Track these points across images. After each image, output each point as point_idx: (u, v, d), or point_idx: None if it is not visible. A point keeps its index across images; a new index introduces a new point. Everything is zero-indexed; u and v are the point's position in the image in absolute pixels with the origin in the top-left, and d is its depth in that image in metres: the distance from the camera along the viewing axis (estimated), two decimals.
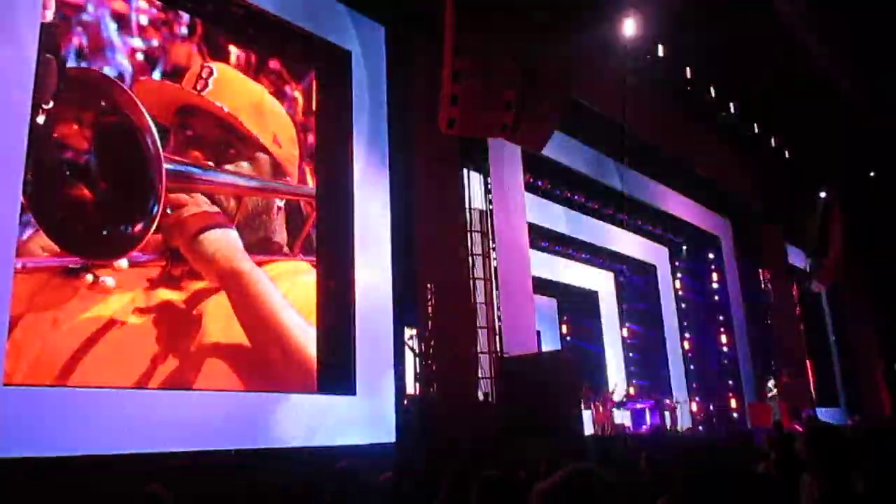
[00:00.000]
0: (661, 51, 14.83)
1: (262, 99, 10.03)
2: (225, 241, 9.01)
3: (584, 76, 11.60)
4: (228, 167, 9.39)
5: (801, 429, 10.80)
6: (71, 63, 8.04)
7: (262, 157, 9.80)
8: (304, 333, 9.68)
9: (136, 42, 8.76)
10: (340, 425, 9.54)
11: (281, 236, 9.96)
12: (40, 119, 7.42)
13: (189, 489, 3.97)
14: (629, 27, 13.28)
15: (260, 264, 9.39)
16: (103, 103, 8.22)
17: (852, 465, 2.24)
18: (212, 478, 6.59)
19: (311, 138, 10.67)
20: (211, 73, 9.33)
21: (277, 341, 9.39)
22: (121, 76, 8.49)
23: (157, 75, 8.92)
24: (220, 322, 8.80)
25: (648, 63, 14.97)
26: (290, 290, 9.71)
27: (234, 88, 9.70)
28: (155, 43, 8.97)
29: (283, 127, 10.23)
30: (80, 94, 8.10)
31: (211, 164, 9.18)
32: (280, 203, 10.02)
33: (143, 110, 8.17)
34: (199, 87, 9.17)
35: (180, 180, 8.71)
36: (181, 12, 9.33)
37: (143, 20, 8.87)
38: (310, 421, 9.25)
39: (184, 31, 9.36)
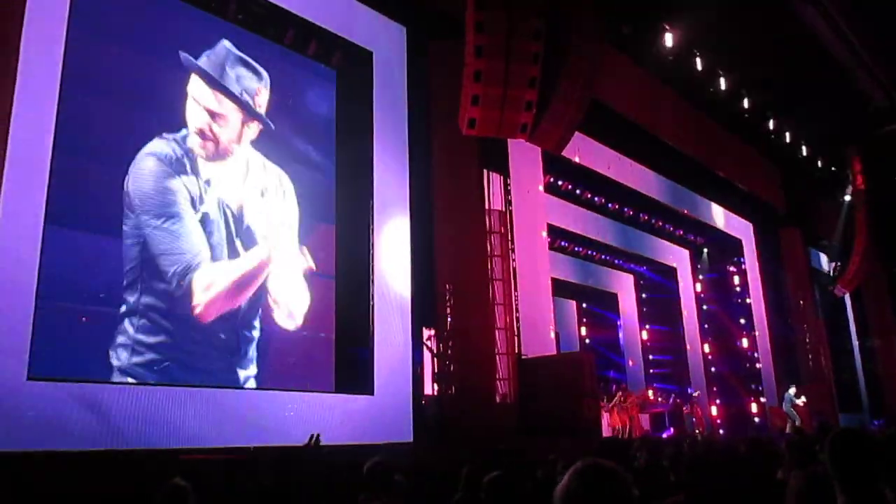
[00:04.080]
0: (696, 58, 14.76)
1: None
2: None
3: (606, 76, 11.54)
4: None
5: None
6: None
7: None
8: None
9: None
10: (358, 424, 9.55)
11: None
12: None
13: (206, 485, 3.99)
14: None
15: None
16: None
17: (881, 471, 2.18)
18: (227, 474, 6.61)
19: None
20: None
21: None
22: None
23: None
24: None
25: (670, 64, 14.89)
26: None
27: None
28: None
29: None
30: None
31: None
32: None
33: None
34: None
35: None
36: None
37: None
38: (327, 420, 9.27)
39: None
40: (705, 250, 21.52)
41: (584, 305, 21.58)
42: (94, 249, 7.83)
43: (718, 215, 20.20)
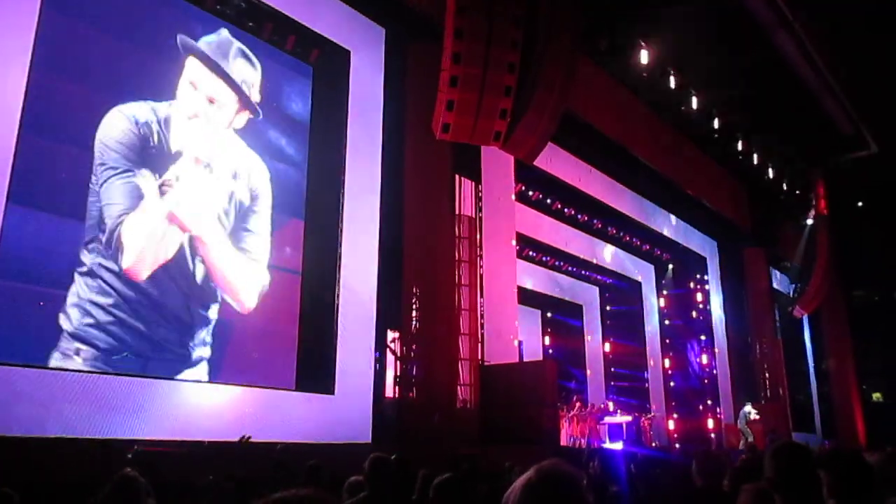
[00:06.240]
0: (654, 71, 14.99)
1: None
2: None
3: (581, 89, 11.66)
4: None
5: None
6: None
7: None
8: None
9: None
10: (316, 423, 9.50)
11: None
12: None
13: (159, 477, 3.96)
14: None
15: None
16: None
17: (819, 483, 2.25)
18: (182, 467, 6.53)
19: None
20: None
21: None
22: None
23: None
24: None
25: (644, 80, 15.09)
26: None
27: None
28: None
29: None
30: None
31: None
32: None
33: None
34: None
35: None
36: None
37: None
38: (285, 417, 9.21)
39: None
40: (670, 266, 21.78)
41: (549, 315, 21.69)
42: (57, 231, 7.69)
43: (684, 232, 20.47)
